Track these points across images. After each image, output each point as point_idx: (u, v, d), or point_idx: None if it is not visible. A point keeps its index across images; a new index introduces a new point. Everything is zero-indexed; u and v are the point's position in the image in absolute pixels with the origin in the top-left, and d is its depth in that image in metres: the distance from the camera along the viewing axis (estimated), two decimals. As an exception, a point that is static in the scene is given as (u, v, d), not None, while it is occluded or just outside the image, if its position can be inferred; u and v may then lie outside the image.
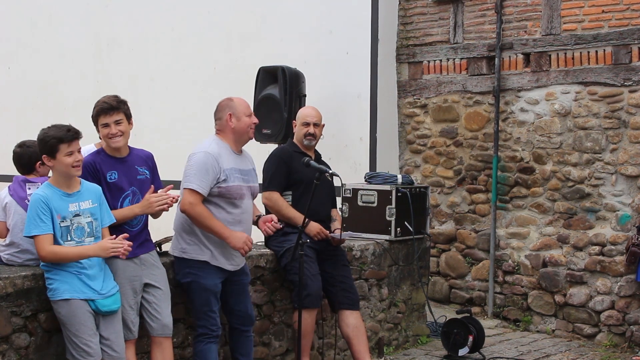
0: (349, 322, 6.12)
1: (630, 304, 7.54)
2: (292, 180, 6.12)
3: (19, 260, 4.98)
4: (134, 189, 5.02)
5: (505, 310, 8.32)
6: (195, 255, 5.29)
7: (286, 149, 6.30)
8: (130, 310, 4.94)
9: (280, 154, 6.22)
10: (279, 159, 6.16)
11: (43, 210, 4.56)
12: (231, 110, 5.38)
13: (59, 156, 4.64)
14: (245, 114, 5.41)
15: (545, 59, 8.06)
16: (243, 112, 5.41)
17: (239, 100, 5.47)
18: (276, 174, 6.11)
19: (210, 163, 5.20)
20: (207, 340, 5.31)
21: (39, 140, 4.72)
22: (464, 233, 8.65)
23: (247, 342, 5.59)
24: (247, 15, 9.69)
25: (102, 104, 4.95)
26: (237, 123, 5.38)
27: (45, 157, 4.68)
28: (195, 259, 5.28)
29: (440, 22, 8.79)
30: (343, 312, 6.16)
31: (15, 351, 4.64)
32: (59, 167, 4.68)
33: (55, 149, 4.63)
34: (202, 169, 5.19)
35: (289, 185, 6.13)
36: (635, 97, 7.55)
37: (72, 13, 11.27)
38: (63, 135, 4.67)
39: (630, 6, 7.56)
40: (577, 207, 7.89)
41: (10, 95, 11.81)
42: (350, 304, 6.18)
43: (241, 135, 5.43)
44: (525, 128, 8.20)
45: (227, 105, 5.42)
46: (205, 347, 5.31)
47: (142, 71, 10.44)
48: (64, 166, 4.65)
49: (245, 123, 5.40)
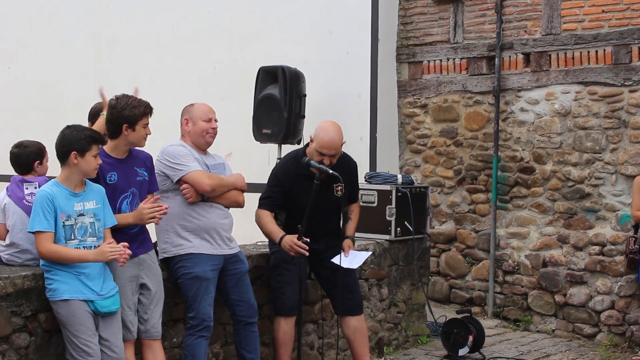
0: (350, 325, 6.04)
1: (630, 304, 7.54)
2: (290, 206, 5.84)
3: (19, 260, 4.98)
4: (133, 191, 5.02)
5: (505, 310, 8.32)
6: (175, 250, 5.31)
7: (290, 168, 5.83)
8: (129, 311, 4.94)
9: (280, 176, 5.83)
10: (277, 181, 5.83)
11: (48, 208, 4.56)
12: (188, 114, 5.45)
13: (88, 156, 4.65)
14: (202, 119, 5.41)
15: (545, 59, 8.06)
16: (200, 117, 5.42)
17: (199, 106, 5.50)
18: (270, 196, 5.82)
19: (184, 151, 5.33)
20: (197, 334, 5.27)
21: (69, 136, 4.66)
22: (464, 233, 8.65)
23: (253, 338, 5.55)
24: (247, 15, 9.70)
25: (147, 105, 5.01)
26: (193, 127, 5.40)
27: (74, 154, 4.63)
28: (178, 254, 5.30)
29: (440, 22, 8.79)
30: (344, 317, 6.06)
31: (15, 351, 4.64)
32: (84, 166, 4.65)
33: (87, 148, 4.64)
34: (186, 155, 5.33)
35: (287, 209, 5.88)
36: (635, 97, 7.55)
37: (72, 13, 11.27)
38: (98, 137, 4.74)
39: (630, 6, 7.56)
40: (577, 207, 7.89)
41: (10, 95, 11.82)
42: (351, 310, 5.99)
43: (197, 139, 5.42)
44: (525, 128, 8.20)
45: (187, 109, 5.49)
46: (195, 341, 5.28)
47: (142, 71, 10.44)
48: (90, 167, 4.68)
49: (200, 127, 5.40)
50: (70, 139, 4.65)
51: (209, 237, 5.34)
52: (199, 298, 5.27)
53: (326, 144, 5.66)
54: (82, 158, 4.64)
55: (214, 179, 5.34)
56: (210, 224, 5.36)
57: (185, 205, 5.31)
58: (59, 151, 4.68)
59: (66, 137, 4.67)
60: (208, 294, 5.30)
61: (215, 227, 5.37)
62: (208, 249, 5.34)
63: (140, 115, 4.94)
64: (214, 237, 5.36)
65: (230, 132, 7.77)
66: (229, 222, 5.51)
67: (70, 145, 4.64)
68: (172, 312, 5.45)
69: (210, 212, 5.37)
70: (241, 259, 5.56)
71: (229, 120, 7.78)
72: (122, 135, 4.96)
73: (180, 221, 5.31)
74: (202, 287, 5.28)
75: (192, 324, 5.31)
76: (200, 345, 5.30)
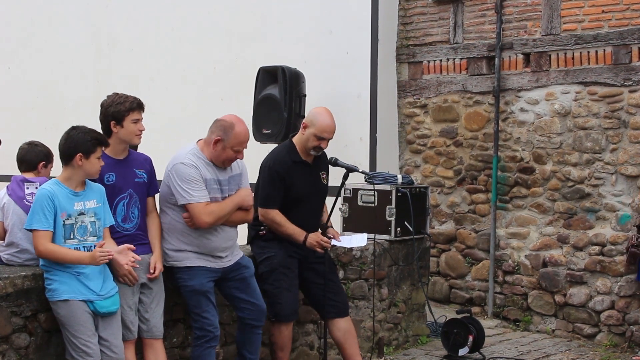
0: (340, 327, 5.96)
1: (630, 304, 7.53)
2: (286, 197, 5.75)
3: (18, 261, 4.98)
4: (130, 192, 5.01)
5: (505, 310, 8.31)
6: (173, 262, 5.26)
7: (283, 158, 5.81)
8: (130, 311, 4.94)
9: (277, 168, 5.75)
10: (275, 174, 5.73)
11: (48, 206, 4.57)
12: (224, 135, 5.20)
13: (92, 158, 4.67)
14: (233, 148, 5.23)
15: (545, 59, 8.06)
16: (233, 145, 5.21)
17: (238, 132, 5.23)
18: (273, 193, 5.72)
19: (194, 173, 5.19)
20: (205, 345, 5.26)
21: (75, 138, 4.67)
22: (464, 233, 8.65)
23: (256, 340, 5.53)
24: (247, 15, 9.70)
25: (134, 101, 4.95)
26: (221, 151, 5.23)
27: (79, 155, 4.63)
28: (175, 266, 5.27)
29: (440, 22, 8.79)
30: (332, 319, 5.98)
31: (15, 351, 4.65)
32: (88, 168, 4.67)
33: (93, 150, 4.66)
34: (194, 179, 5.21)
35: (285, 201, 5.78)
36: (635, 97, 7.55)
37: (72, 13, 11.27)
38: (103, 139, 4.76)
39: (630, 6, 7.55)
40: (577, 207, 7.89)
41: (10, 95, 11.82)
42: (338, 312, 5.95)
43: (217, 160, 5.28)
44: (525, 128, 8.20)
45: (223, 128, 5.23)
46: (204, 352, 5.26)
47: (142, 71, 10.44)
48: (94, 169, 4.69)
49: (227, 155, 5.25)
50: (76, 140, 4.66)
51: (209, 257, 5.30)
52: (200, 310, 5.25)
53: (327, 128, 5.76)
54: (87, 160, 4.66)
55: (214, 215, 5.19)
56: (213, 247, 5.31)
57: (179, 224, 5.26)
58: (64, 152, 4.69)
59: (72, 138, 4.68)
60: (210, 304, 5.28)
61: (218, 249, 5.33)
62: (205, 262, 5.30)
63: (126, 111, 4.90)
64: (214, 256, 5.32)
65: (230, 132, 7.77)
66: (233, 243, 5.44)
67: (76, 146, 4.65)
68: (172, 312, 5.45)
69: (215, 235, 5.30)
70: (245, 264, 5.51)
71: (229, 121, 7.77)
72: (113, 133, 4.94)
73: (183, 236, 5.26)
74: (202, 300, 5.25)
75: (198, 334, 5.28)
76: (210, 355, 5.29)
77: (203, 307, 5.25)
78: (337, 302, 5.96)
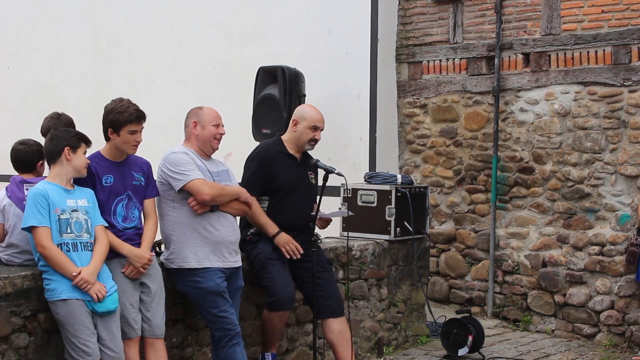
0: (333, 328, 5.87)
1: (629, 304, 7.54)
2: (271, 186, 5.80)
3: (18, 261, 4.97)
4: (128, 194, 5.03)
5: (505, 310, 8.32)
6: (181, 263, 5.25)
7: (270, 148, 5.93)
8: (132, 308, 4.93)
9: (263, 155, 5.88)
10: (260, 160, 5.84)
11: (42, 204, 4.61)
12: (197, 117, 5.40)
13: (79, 152, 4.77)
14: (211, 123, 5.37)
15: (544, 59, 8.07)
16: (209, 121, 5.38)
17: (208, 110, 5.46)
18: (254, 177, 5.79)
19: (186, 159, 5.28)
20: (229, 344, 5.22)
21: (60, 135, 4.79)
22: (463, 233, 8.65)
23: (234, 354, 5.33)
24: (247, 15, 9.70)
25: (137, 111, 4.99)
26: (202, 131, 5.36)
27: (67, 149, 4.73)
28: (184, 268, 5.24)
29: (439, 22, 8.79)
30: (326, 320, 5.90)
31: (14, 351, 4.65)
32: (76, 162, 4.76)
33: (78, 145, 4.78)
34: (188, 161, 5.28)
35: (267, 190, 5.81)
36: (635, 97, 7.55)
37: (72, 13, 11.27)
38: (85, 137, 4.86)
39: (630, 6, 7.56)
40: (577, 207, 7.89)
41: (10, 95, 11.82)
42: (331, 312, 5.85)
43: (204, 143, 5.36)
44: (525, 128, 8.21)
45: (195, 113, 5.44)
46: (229, 350, 5.22)
47: (142, 71, 10.45)
48: (81, 163, 4.78)
49: (209, 132, 5.36)
50: (61, 137, 4.79)
51: (217, 252, 5.28)
52: (219, 310, 5.23)
53: (319, 117, 5.97)
54: (74, 154, 4.76)
55: (215, 188, 5.26)
56: (220, 238, 5.29)
57: (194, 216, 5.24)
58: (51, 149, 4.79)
59: (57, 136, 4.81)
60: (227, 302, 5.26)
61: (224, 241, 5.31)
62: (215, 262, 5.27)
63: (123, 122, 4.94)
64: (222, 250, 5.30)
65: (230, 132, 7.70)
66: (236, 237, 5.45)
67: (63, 142, 4.76)
68: (172, 312, 5.44)
69: (220, 223, 5.30)
70: (240, 277, 5.50)
71: (229, 121, 7.69)
72: (110, 138, 5.01)
73: (189, 232, 5.24)
74: (219, 300, 5.23)
75: (219, 335, 5.24)
76: (237, 353, 5.24)
77: (221, 307, 5.22)
78: (329, 302, 5.87)
